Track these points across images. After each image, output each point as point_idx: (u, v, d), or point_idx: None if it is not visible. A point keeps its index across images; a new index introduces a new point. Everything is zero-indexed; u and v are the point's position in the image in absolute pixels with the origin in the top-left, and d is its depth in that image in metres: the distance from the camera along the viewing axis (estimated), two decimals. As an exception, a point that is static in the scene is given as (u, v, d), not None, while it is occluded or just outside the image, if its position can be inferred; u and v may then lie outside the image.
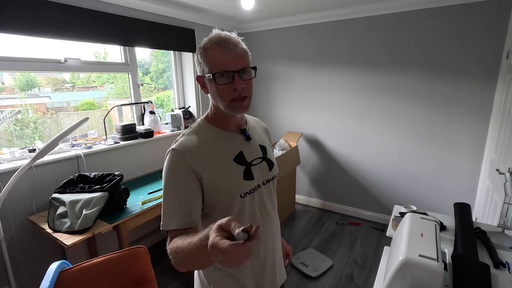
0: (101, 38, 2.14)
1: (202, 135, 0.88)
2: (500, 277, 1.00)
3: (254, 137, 0.95)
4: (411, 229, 0.98)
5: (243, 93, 0.81)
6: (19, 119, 2.07)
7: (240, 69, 0.79)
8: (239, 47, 0.81)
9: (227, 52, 0.79)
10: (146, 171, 2.62)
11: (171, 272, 2.33)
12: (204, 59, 0.82)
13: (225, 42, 0.80)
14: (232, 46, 0.80)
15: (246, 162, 0.88)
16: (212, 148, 0.84)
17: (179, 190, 0.78)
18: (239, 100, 0.81)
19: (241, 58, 0.81)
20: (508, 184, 1.26)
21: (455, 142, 2.52)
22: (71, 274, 1.14)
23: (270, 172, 0.94)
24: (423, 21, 2.45)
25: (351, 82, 2.91)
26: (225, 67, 0.78)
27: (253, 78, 0.84)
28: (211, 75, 0.79)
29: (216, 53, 0.80)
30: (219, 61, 0.79)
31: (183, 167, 0.79)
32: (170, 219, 0.77)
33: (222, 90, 0.80)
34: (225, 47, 0.79)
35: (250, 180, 0.87)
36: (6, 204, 1.75)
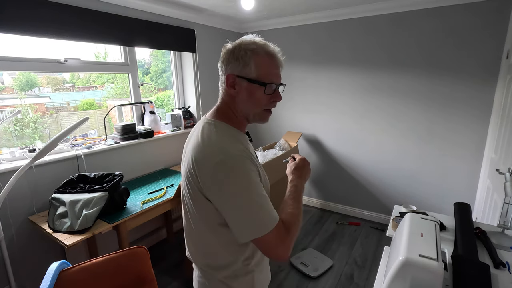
0: (101, 38, 2.14)
1: (233, 136, 0.83)
2: (500, 277, 1.00)
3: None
4: (411, 229, 0.98)
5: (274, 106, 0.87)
6: (19, 119, 2.07)
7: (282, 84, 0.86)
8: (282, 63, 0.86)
9: (277, 65, 0.83)
10: (146, 171, 2.62)
11: (171, 272, 2.33)
12: (253, 62, 0.79)
13: (276, 56, 0.83)
14: (280, 61, 0.84)
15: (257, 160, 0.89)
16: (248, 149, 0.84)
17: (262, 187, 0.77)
18: (268, 111, 0.87)
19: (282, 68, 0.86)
20: (508, 184, 1.26)
21: (455, 142, 2.52)
22: (71, 274, 1.14)
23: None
24: (423, 21, 2.45)
25: (351, 83, 2.92)
26: (275, 79, 0.82)
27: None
28: (260, 82, 0.80)
29: (267, 62, 0.81)
30: (272, 72, 0.82)
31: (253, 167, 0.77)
32: (273, 216, 0.75)
33: (261, 98, 0.82)
34: (275, 60, 0.83)
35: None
36: (6, 204, 1.75)
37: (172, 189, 2.22)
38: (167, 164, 2.82)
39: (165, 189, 2.22)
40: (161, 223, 2.78)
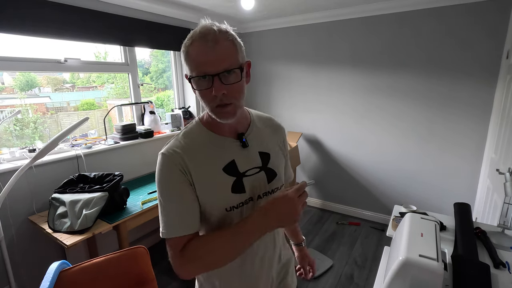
0: (101, 38, 2.14)
1: (193, 138, 0.77)
2: (500, 277, 1.00)
3: (254, 142, 0.82)
4: (411, 229, 0.98)
5: (225, 99, 0.68)
6: (19, 119, 2.07)
7: (222, 72, 0.66)
8: (222, 43, 0.66)
9: (206, 50, 0.66)
10: (146, 171, 2.62)
11: (171, 272, 2.32)
12: (185, 57, 0.71)
13: (204, 38, 0.66)
14: (211, 42, 0.65)
15: (237, 172, 0.77)
16: (202, 154, 0.75)
17: (177, 196, 0.73)
18: (222, 107, 0.70)
19: (223, 57, 0.66)
20: (508, 184, 1.26)
21: (455, 142, 2.52)
22: (71, 274, 1.14)
23: (269, 184, 0.82)
24: (423, 21, 2.45)
25: (351, 82, 2.92)
26: (204, 69, 0.66)
27: (239, 81, 0.69)
28: (188, 79, 0.71)
29: (195, 51, 0.67)
30: (198, 62, 0.67)
31: (175, 172, 0.72)
32: (174, 227, 0.73)
33: (203, 95, 0.70)
34: (203, 44, 0.66)
35: (240, 193, 0.77)
36: (6, 204, 1.75)
37: (172, 189, 2.22)
38: (167, 164, 2.82)
39: (165, 189, 2.22)
40: (161, 223, 2.77)
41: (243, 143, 0.79)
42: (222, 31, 0.68)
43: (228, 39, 0.68)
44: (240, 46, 0.72)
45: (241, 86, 0.71)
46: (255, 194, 0.80)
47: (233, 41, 0.69)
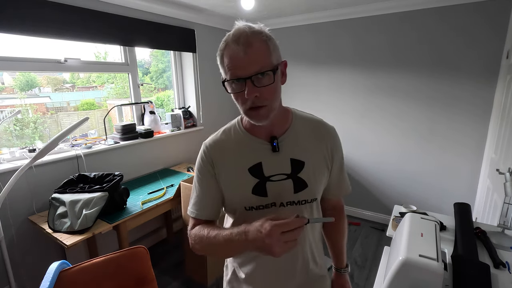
0: (101, 38, 2.14)
1: (229, 136, 0.81)
2: (500, 277, 1.00)
3: (288, 148, 0.78)
4: (411, 229, 0.98)
5: (258, 102, 0.68)
6: (19, 119, 2.07)
7: (254, 74, 0.65)
8: (255, 45, 0.66)
9: (238, 53, 0.65)
10: (146, 171, 2.62)
11: (171, 272, 2.33)
12: (220, 61, 0.70)
13: (237, 41, 0.66)
14: (243, 45, 0.65)
15: (262, 175, 0.76)
16: (234, 152, 0.79)
17: (201, 184, 0.82)
18: (255, 110, 0.70)
19: (255, 60, 0.66)
20: (508, 184, 1.26)
21: (455, 142, 2.52)
22: (71, 274, 1.14)
23: (295, 195, 0.77)
24: (423, 21, 2.45)
25: (351, 82, 2.92)
26: (236, 72, 0.66)
27: (271, 83, 0.67)
28: (222, 82, 0.71)
29: (228, 54, 0.67)
30: (230, 65, 0.67)
31: (205, 163, 0.80)
32: (192, 208, 0.83)
33: (236, 98, 0.71)
34: (236, 47, 0.66)
35: (261, 196, 0.77)
36: (6, 204, 1.75)
37: (172, 189, 2.22)
38: (167, 164, 2.82)
39: (165, 189, 2.22)
40: (161, 223, 2.78)
41: (273, 147, 0.77)
42: (255, 32, 0.67)
43: (262, 40, 0.67)
44: (275, 46, 0.70)
45: (274, 88, 0.69)
46: (279, 201, 0.78)
47: (267, 42, 0.68)
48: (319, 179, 0.81)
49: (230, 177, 0.78)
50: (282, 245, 0.61)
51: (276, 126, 0.78)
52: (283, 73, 0.74)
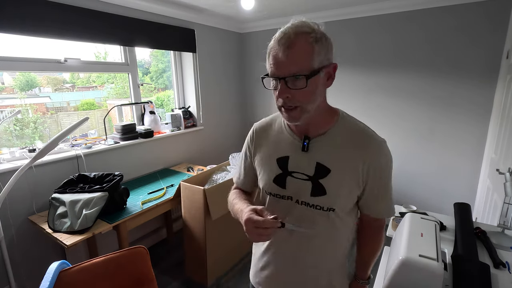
0: (101, 38, 2.14)
1: (275, 123, 0.88)
2: (500, 277, 1.00)
3: (318, 151, 0.77)
4: (411, 229, 0.98)
5: (289, 103, 0.69)
6: (19, 119, 2.07)
7: (289, 76, 0.66)
8: (297, 47, 0.65)
9: (277, 53, 0.66)
10: (146, 171, 2.62)
11: (171, 272, 2.33)
12: (267, 56, 0.72)
13: (280, 40, 0.66)
14: (284, 46, 0.66)
15: (286, 168, 0.80)
16: (271, 140, 0.85)
17: (242, 159, 0.96)
18: (286, 109, 0.71)
19: (293, 62, 0.66)
20: (508, 184, 1.26)
21: (455, 142, 2.52)
22: (71, 274, 1.14)
23: (311, 198, 0.77)
24: (424, 21, 2.45)
25: (353, 82, 2.91)
26: (274, 71, 0.68)
27: (305, 87, 0.67)
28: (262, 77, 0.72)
29: (272, 51, 0.69)
30: (272, 63, 0.68)
31: (248, 143, 0.93)
32: (234, 174, 1.01)
33: (274, 94, 0.72)
34: (277, 46, 0.67)
35: (280, 187, 0.81)
36: (6, 204, 1.75)
37: (172, 189, 2.22)
38: (167, 164, 2.82)
39: (165, 189, 2.22)
40: (161, 223, 2.78)
41: (303, 146, 0.78)
42: (301, 33, 0.66)
43: (306, 42, 0.66)
44: (322, 49, 0.68)
45: (307, 92, 0.68)
46: (295, 197, 0.80)
47: (312, 44, 0.67)
48: (342, 192, 0.76)
49: (262, 161, 0.86)
50: (255, 236, 0.71)
51: (312, 126, 0.78)
52: (330, 76, 0.73)
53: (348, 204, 0.79)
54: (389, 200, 0.82)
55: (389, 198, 0.82)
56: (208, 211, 1.93)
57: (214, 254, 2.06)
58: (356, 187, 0.77)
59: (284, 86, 0.68)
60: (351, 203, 0.80)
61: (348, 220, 0.83)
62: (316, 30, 0.69)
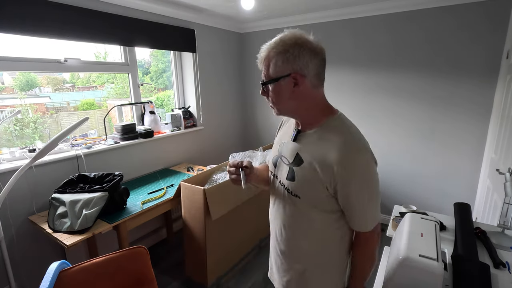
0: (101, 38, 2.14)
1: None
2: (500, 277, 1.00)
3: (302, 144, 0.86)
4: (411, 229, 0.98)
5: (269, 102, 0.86)
6: (19, 119, 2.07)
7: (262, 82, 0.85)
8: (265, 58, 0.82)
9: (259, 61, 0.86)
10: (146, 171, 2.62)
11: (171, 272, 2.33)
12: None
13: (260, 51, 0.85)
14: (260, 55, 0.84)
15: (281, 152, 0.95)
16: (286, 128, 1.00)
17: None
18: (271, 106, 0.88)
19: (264, 70, 0.83)
20: (508, 184, 1.26)
21: (455, 142, 2.52)
22: (71, 274, 1.14)
23: (286, 181, 0.88)
24: (425, 21, 2.45)
25: (352, 82, 2.91)
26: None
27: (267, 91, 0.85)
28: None
29: None
30: None
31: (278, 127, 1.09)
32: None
33: None
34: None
35: (274, 166, 0.97)
36: (6, 204, 1.75)
37: (172, 189, 2.22)
38: (167, 164, 2.82)
39: (165, 189, 2.22)
40: (161, 223, 2.78)
41: (293, 137, 0.90)
42: (273, 45, 0.80)
43: (274, 53, 0.79)
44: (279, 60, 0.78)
45: (275, 95, 0.82)
46: (279, 178, 0.93)
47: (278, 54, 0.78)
48: (306, 183, 0.83)
49: (274, 144, 1.04)
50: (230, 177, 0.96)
51: (304, 122, 0.88)
52: (296, 83, 0.79)
53: (314, 197, 0.83)
54: (364, 212, 0.82)
55: (364, 210, 0.81)
56: (208, 211, 1.93)
57: (214, 254, 2.06)
58: (321, 185, 0.80)
59: (262, 89, 0.86)
60: (316, 196, 0.83)
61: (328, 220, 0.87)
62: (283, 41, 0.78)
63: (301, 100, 0.82)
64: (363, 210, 0.82)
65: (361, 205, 0.81)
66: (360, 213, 0.82)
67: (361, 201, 0.80)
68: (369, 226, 0.84)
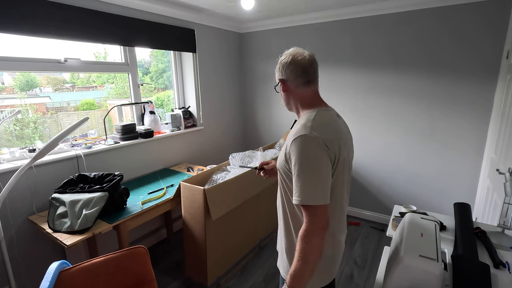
0: (101, 38, 2.14)
1: None
2: (500, 277, 1.00)
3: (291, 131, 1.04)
4: (411, 229, 0.98)
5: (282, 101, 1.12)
6: (19, 119, 2.07)
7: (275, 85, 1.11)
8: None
9: None
10: (146, 171, 2.62)
11: (171, 272, 2.33)
12: None
13: None
14: None
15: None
16: None
17: None
18: None
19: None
20: (508, 184, 1.26)
21: (455, 142, 2.52)
22: (71, 274, 1.14)
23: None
24: (424, 21, 2.45)
25: (352, 81, 2.91)
26: None
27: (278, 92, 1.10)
28: None
29: None
30: None
31: None
32: None
33: None
34: None
35: None
36: (6, 204, 1.75)
37: (172, 189, 2.22)
38: (167, 164, 2.82)
39: (165, 189, 2.22)
40: (161, 223, 2.78)
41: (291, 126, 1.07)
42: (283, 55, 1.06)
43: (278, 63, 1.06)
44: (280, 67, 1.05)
45: (282, 95, 1.10)
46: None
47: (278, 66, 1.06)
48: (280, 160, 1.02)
49: None
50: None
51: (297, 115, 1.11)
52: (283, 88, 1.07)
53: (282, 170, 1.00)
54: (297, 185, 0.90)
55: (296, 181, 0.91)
56: (208, 211, 1.93)
57: (214, 254, 2.06)
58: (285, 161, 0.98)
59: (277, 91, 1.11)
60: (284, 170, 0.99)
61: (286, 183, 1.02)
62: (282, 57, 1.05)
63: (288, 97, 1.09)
64: (295, 181, 0.91)
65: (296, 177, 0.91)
66: (296, 184, 0.91)
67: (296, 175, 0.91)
68: (296, 198, 0.90)
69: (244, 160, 2.41)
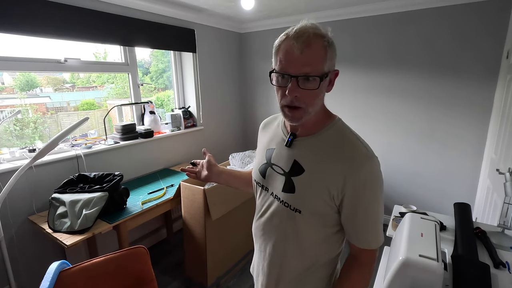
0: (101, 38, 2.14)
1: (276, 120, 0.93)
2: (500, 277, 1.00)
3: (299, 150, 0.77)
4: (411, 229, 0.98)
5: (296, 102, 0.69)
6: (19, 119, 2.07)
7: (302, 75, 0.66)
8: (313, 47, 0.66)
9: (294, 50, 0.66)
10: (146, 171, 2.62)
11: (171, 272, 2.33)
12: (275, 50, 0.72)
13: (298, 38, 0.66)
14: (302, 44, 0.65)
15: (269, 159, 0.84)
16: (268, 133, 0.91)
17: None
18: (290, 109, 0.71)
19: (308, 62, 0.66)
20: (508, 184, 1.26)
21: (455, 142, 2.52)
22: (71, 274, 1.14)
23: (282, 193, 0.78)
24: (424, 21, 2.45)
25: (352, 81, 2.91)
26: (286, 68, 0.67)
27: (315, 88, 0.68)
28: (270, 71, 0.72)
29: (285, 48, 0.68)
30: (283, 59, 0.68)
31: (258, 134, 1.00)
32: None
33: (277, 90, 0.72)
34: (294, 44, 0.66)
35: (262, 176, 0.85)
36: (6, 204, 1.75)
37: (172, 189, 2.22)
38: (167, 164, 2.82)
39: (165, 189, 2.22)
40: (161, 223, 2.78)
41: (287, 142, 0.80)
42: (318, 35, 0.67)
43: (322, 45, 0.67)
44: (332, 54, 0.70)
45: (316, 94, 0.70)
46: (271, 189, 0.82)
47: (326, 47, 0.68)
48: (309, 194, 0.74)
49: (257, 150, 0.94)
50: None
51: (302, 126, 0.78)
52: (331, 81, 0.74)
53: (317, 211, 0.74)
54: (371, 226, 0.73)
55: (371, 224, 0.73)
56: (208, 211, 1.93)
57: (214, 254, 2.06)
58: (328, 196, 0.72)
59: (295, 84, 0.67)
60: (321, 210, 0.74)
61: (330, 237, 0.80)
62: (328, 36, 0.69)
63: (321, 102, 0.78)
64: (372, 223, 0.73)
65: (370, 217, 0.72)
66: (369, 226, 0.73)
67: (370, 213, 0.72)
68: (379, 242, 0.75)
69: (244, 160, 2.41)
